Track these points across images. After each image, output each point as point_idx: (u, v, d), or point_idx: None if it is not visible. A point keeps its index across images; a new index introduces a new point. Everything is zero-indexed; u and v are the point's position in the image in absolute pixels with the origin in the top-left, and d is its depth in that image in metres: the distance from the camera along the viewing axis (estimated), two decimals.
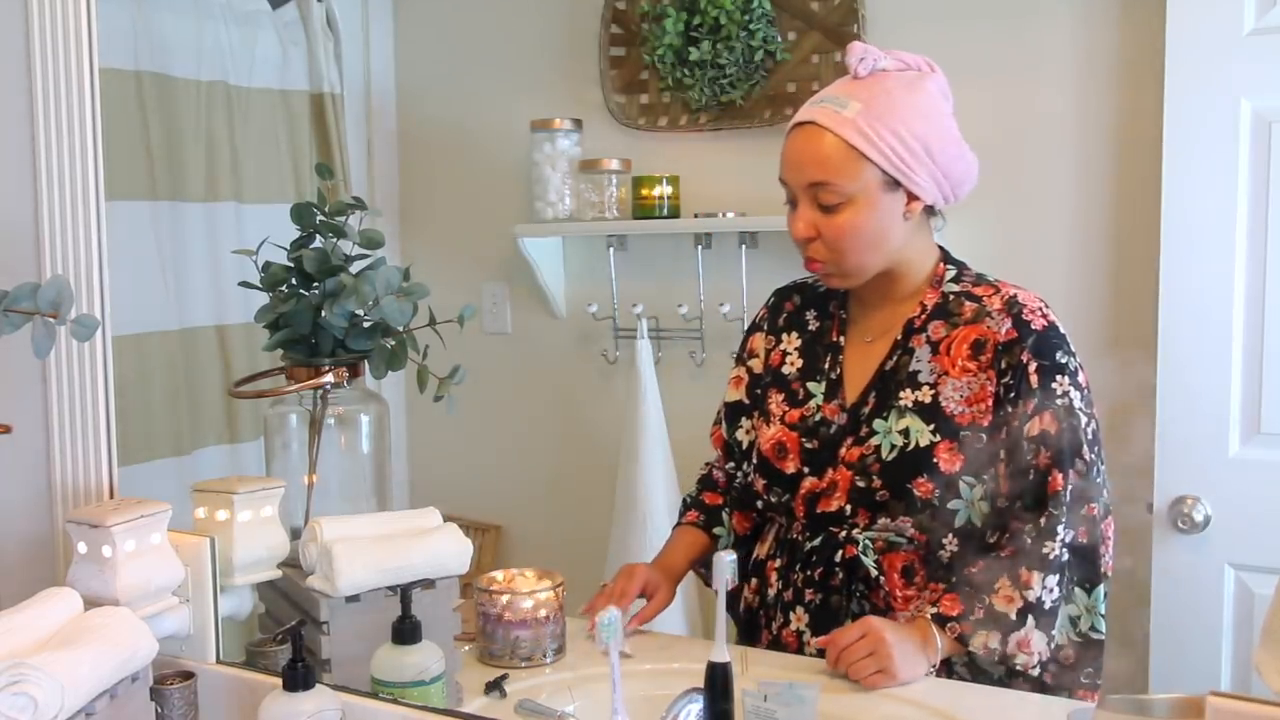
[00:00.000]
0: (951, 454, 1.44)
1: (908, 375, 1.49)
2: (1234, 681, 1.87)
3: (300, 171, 2.53)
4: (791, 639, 1.53)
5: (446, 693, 1.32)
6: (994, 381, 1.44)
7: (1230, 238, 1.85)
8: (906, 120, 1.45)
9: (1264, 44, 1.81)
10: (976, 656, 1.41)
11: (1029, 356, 1.43)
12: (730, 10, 2.33)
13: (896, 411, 1.47)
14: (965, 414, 1.45)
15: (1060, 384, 1.43)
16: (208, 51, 2.35)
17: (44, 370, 1.52)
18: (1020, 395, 1.42)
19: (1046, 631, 1.40)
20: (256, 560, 1.44)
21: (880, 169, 1.45)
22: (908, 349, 1.50)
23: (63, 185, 1.50)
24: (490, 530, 2.73)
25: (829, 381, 1.55)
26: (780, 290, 1.69)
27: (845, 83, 1.49)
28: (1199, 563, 1.89)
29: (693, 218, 2.36)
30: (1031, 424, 1.42)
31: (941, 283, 1.53)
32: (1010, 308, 1.47)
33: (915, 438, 1.45)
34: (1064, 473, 1.41)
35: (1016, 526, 1.43)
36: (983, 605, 1.40)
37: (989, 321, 1.47)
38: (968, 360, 1.46)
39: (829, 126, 1.45)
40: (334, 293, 1.49)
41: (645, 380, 2.41)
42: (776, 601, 1.56)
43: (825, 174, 1.46)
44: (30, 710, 1.07)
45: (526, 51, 2.65)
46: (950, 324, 1.49)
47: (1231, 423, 1.86)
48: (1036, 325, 1.46)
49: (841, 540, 1.50)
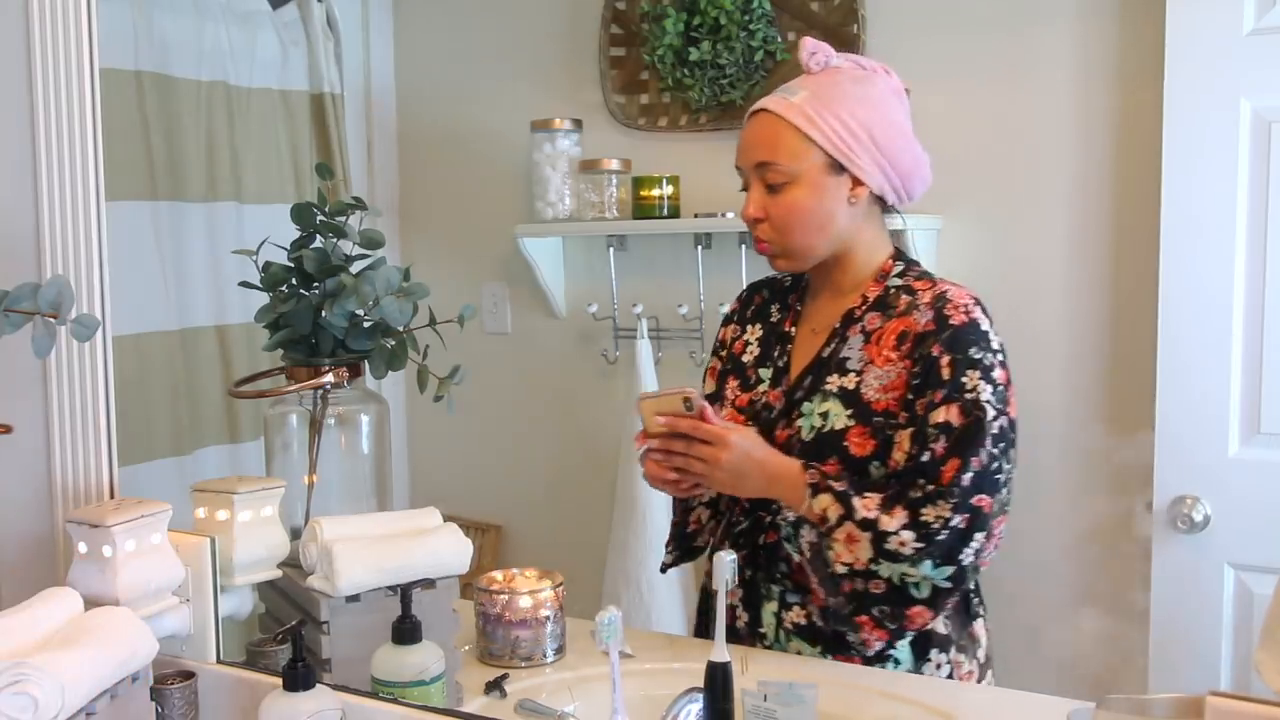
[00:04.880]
0: (863, 438, 1.48)
1: (838, 362, 1.54)
2: (1234, 681, 1.87)
3: (300, 171, 2.53)
4: (727, 614, 1.57)
5: (446, 693, 1.32)
6: (908, 370, 1.48)
7: (1230, 238, 1.86)
8: (851, 107, 1.51)
9: (1264, 44, 1.82)
10: (806, 519, 1.46)
11: (940, 349, 1.47)
12: (730, 10, 2.33)
13: (822, 395, 1.52)
14: (880, 400, 1.49)
15: (971, 378, 1.45)
16: (208, 51, 2.35)
17: (44, 370, 1.52)
18: (929, 385, 1.46)
19: (872, 552, 1.41)
20: (256, 560, 1.44)
21: (824, 151, 1.51)
22: (844, 337, 1.55)
23: (63, 185, 1.50)
24: (490, 530, 2.73)
25: (776, 369, 1.61)
26: (752, 284, 1.75)
27: (801, 77, 1.57)
28: (1199, 563, 1.89)
29: (693, 218, 2.36)
30: (937, 412, 1.44)
31: (886, 277, 1.57)
32: (936, 302, 1.51)
33: (832, 421, 1.50)
34: (962, 460, 1.43)
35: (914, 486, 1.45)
36: (851, 491, 1.44)
37: (915, 314, 1.51)
38: (891, 350, 1.50)
39: (777, 111, 1.53)
40: (334, 293, 1.49)
41: (645, 380, 2.41)
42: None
43: (770, 154, 1.53)
44: (31, 710, 1.07)
45: (526, 52, 2.65)
46: (885, 316, 1.54)
47: (1231, 423, 1.86)
48: (955, 320, 1.48)
49: (766, 524, 1.55)
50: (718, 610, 1.25)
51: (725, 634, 1.48)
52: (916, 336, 1.49)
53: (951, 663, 1.51)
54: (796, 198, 1.52)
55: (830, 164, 1.51)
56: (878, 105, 1.53)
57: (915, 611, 1.42)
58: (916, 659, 1.50)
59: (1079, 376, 2.12)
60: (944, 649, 1.51)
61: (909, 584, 1.41)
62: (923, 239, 2.16)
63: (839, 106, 1.51)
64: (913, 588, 1.42)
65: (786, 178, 1.52)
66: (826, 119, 1.50)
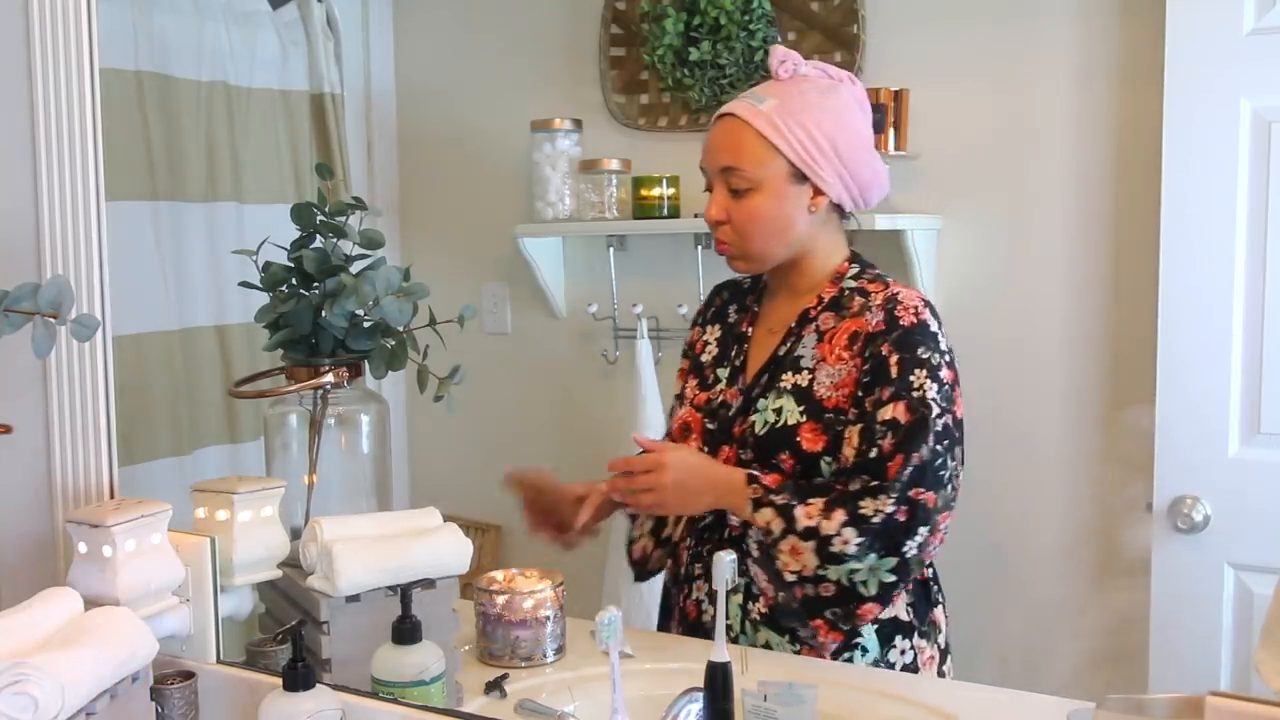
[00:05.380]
0: (814, 434, 1.52)
1: (792, 360, 1.57)
2: (1234, 681, 1.87)
3: (300, 171, 2.53)
4: (692, 609, 1.62)
5: (446, 693, 1.32)
6: (858, 369, 1.52)
7: (1230, 238, 1.86)
8: (817, 119, 1.54)
9: (1264, 44, 1.82)
10: (752, 527, 1.50)
11: (889, 349, 1.50)
12: (730, 10, 2.33)
13: (777, 392, 1.56)
14: (831, 398, 1.52)
15: (918, 377, 1.49)
16: (208, 51, 2.35)
17: (44, 370, 1.52)
18: (877, 382, 1.49)
19: (818, 559, 1.44)
20: (256, 560, 1.44)
21: (788, 160, 1.54)
22: (799, 336, 1.59)
23: (63, 185, 1.50)
24: (490, 530, 2.73)
25: (733, 368, 1.64)
26: (716, 287, 1.80)
27: (769, 84, 1.60)
28: (1199, 563, 1.89)
29: (693, 218, 2.36)
30: (885, 409, 1.48)
31: (842, 280, 1.61)
32: (887, 303, 1.54)
33: (785, 416, 1.53)
34: (906, 456, 1.46)
35: (855, 481, 1.48)
36: (792, 502, 1.47)
37: (867, 315, 1.55)
38: (844, 350, 1.54)
39: (744, 118, 1.55)
40: (334, 293, 1.49)
41: (645, 380, 2.41)
42: (682, 578, 1.65)
43: (736, 160, 1.56)
44: (31, 710, 1.07)
45: (526, 52, 2.65)
46: (839, 316, 1.57)
47: (1231, 423, 1.87)
48: (905, 321, 1.52)
49: (727, 520, 1.58)
50: (718, 610, 1.25)
51: (690, 629, 1.49)
52: (867, 336, 1.53)
53: (915, 648, 1.56)
54: (758, 204, 1.56)
55: (793, 173, 1.55)
56: (842, 116, 1.56)
57: (865, 609, 1.46)
58: (882, 645, 1.53)
59: (1079, 376, 2.12)
60: (908, 635, 1.55)
61: (857, 583, 1.44)
62: (923, 239, 2.16)
63: (805, 116, 1.54)
64: (860, 586, 1.45)
65: (750, 184, 1.55)
66: (793, 129, 1.53)
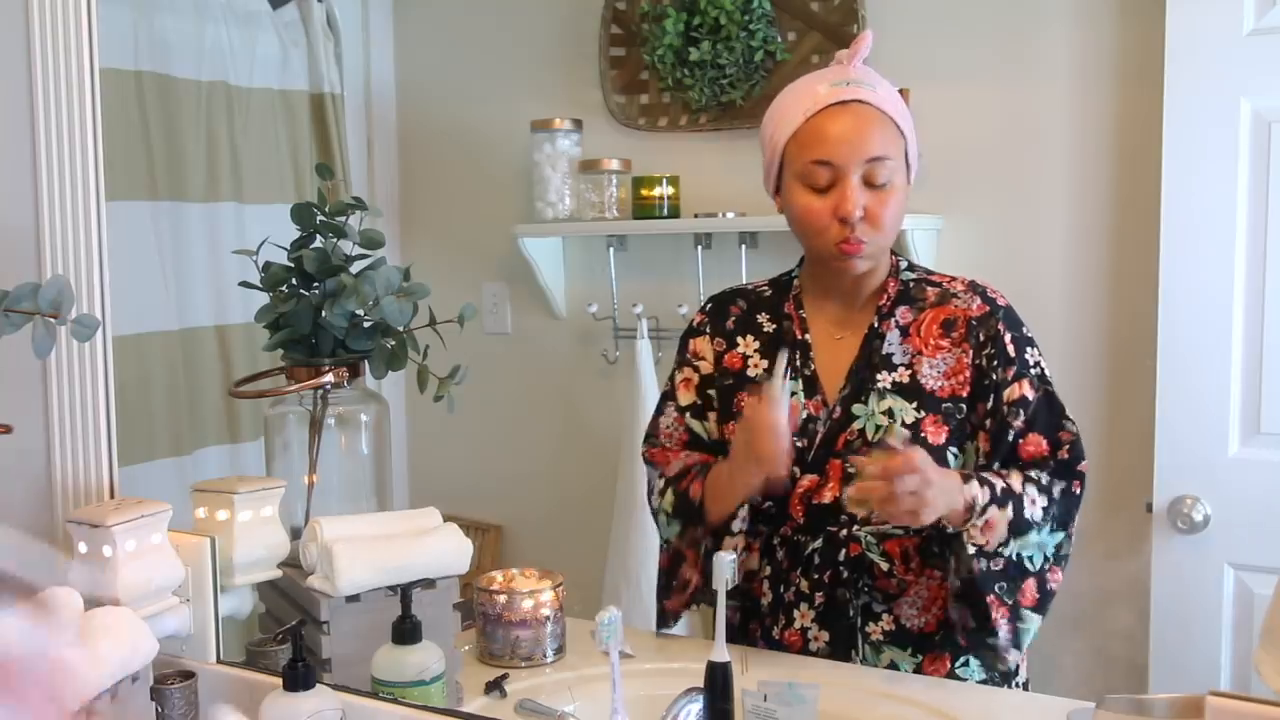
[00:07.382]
0: (936, 426, 1.48)
1: (882, 359, 1.52)
2: (1234, 681, 1.87)
3: (300, 171, 2.53)
4: (796, 637, 1.52)
5: (446, 693, 1.32)
6: (970, 354, 1.49)
7: (1230, 238, 1.86)
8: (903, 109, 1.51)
9: (1264, 44, 1.82)
10: (954, 516, 1.40)
11: (1004, 327, 1.50)
12: (730, 10, 2.33)
13: (875, 394, 1.50)
14: (945, 387, 1.49)
15: (1032, 355, 1.50)
16: (208, 51, 2.35)
17: (44, 370, 1.52)
18: (1000, 363, 1.48)
19: (1008, 533, 1.41)
20: (256, 560, 1.44)
21: (907, 150, 1.50)
22: (879, 334, 1.53)
23: (63, 185, 1.50)
24: (490, 530, 2.73)
25: (805, 379, 1.55)
26: (717, 296, 1.68)
27: (847, 69, 1.50)
28: (1199, 563, 1.89)
29: (693, 218, 2.36)
30: (1011, 389, 1.47)
31: (899, 273, 1.57)
32: (974, 288, 1.54)
33: (900, 415, 1.48)
34: (1047, 437, 1.47)
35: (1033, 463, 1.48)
36: (998, 479, 1.43)
37: (955, 301, 1.53)
38: (939, 339, 1.51)
39: (879, 106, 1.47)
40: (334, 293, 1.49)
41: (645, 380, 2.41)
42: (774, 608, 1.53)
43: (883, 149, 1.46)
44: None
45: (526, 51, 2.65)
46: (916, 308, 1.53)
47: (1231, 423, 1.87)
48: (1002, 302, 1.53)
49: (844, 539, 1.49)
50: (718, 610, 1.25)
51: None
52: (971, 320, 1.50)
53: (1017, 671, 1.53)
54: (899, 196, 1.48)
55: (906, 165, 1.50)
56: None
57: (1028, 584, 1.44)
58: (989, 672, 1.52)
59: (1079, 376, 2.12)
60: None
61: (1024, 557, 1.43)
62: (923, 239, 2.16)
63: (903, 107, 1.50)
64: (1028, 560, 1.44)
65: (891, 175, 1.46)
66: (908, 118, 1.49)
